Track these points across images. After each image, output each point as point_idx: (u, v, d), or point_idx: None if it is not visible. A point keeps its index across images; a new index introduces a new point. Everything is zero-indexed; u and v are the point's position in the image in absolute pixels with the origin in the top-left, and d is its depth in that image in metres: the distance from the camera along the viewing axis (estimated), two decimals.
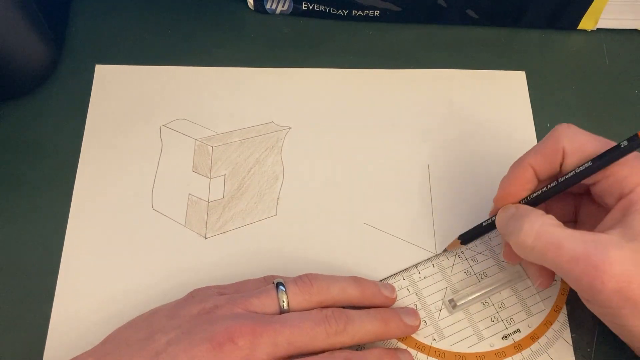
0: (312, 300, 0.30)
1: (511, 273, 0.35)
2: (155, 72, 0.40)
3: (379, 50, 0.42)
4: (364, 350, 0.30)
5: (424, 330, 0.33)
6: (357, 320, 0.30)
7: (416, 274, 0.35)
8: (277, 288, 0.30)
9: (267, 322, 0.28)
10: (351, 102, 0.40)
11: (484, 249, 0.35)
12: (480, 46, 0.42)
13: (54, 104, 0.39)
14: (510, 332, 0.33)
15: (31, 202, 0.36)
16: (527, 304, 0.34)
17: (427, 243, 0.35)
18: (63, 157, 0.37)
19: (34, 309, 0.33)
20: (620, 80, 0.41)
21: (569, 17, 0.42)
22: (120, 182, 0.37)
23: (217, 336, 0.27)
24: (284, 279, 0.31)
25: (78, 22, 0.42)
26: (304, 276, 0.31)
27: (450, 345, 0.33)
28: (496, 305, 0.34)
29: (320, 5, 0.42)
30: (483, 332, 0.33)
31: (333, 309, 0.30)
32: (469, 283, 0.34)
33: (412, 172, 0.38)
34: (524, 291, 0.34)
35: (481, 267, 0.35)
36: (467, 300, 0.34)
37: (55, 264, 0.34)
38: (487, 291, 0.34)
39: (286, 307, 0.29)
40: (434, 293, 0.34)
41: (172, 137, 0.38)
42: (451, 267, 0.35)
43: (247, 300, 0.29)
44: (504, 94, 0.41)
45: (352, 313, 0.30)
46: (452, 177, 0.37)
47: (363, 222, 0.36)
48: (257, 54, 0.41)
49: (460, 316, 0.33)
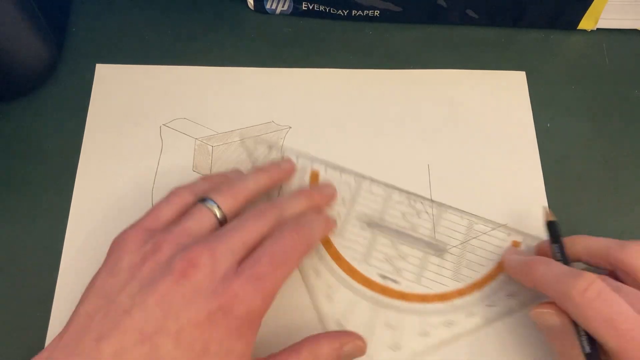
0: (239, 201, 0.31)
1: (437, 246, 0.35)
2: (155, 72, 0.40)
3: (379, 50, 0.42)
4: (304, 215, 0.32)
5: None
6: (288, 204, 0.32)
7: (366, 183, 0.37)
8: (205, 203, 0.30)
9: (216, 236, 0.29)
10: (351, 102, 0.40)
11: (436, 213, 0.36)
12: (480, 46, 0.42)
13: (54, 104, 0.39)
14: (388, 276, 0.34)
15: (31, 202, 0.36)
16: (422, 274, 0.34)
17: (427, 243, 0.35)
18: (63, 157, 0.37)
19: (34, 309, 0.33)
20: (620, 80, 0.41)
21: (569, 17, 0.42)
22: (121, 182, 0.37)
23: (176, 267, 0.27)
24: (195, 191, 0.32)
25: (78, 22, 0.42)
26: (222, 184, 0.32)
27: (339, 245, 0.35)
28: (397, 252, 0.35)
29: (320, 5, 0.42)
30: (370, 260, 0.35)
31: (265, 203, 0.31)
32: (397, 224, 0.36)
33: (412, 172, 0.38)
34: (432, 265, 0.35)
35: (418, 222, 0.36)
36: (384, 229, 0.35)
37: (55, 264, 0.34)
38: (406, 238, 0.35)
39: (221, 215, 0.30)
40: (364, 205, 0.36)
41: (172, 136, 0.38)
42: (399, 202, 0.36)
43: (184, 227, 0.29)
44: (504, 94, 0.41)
45: (281, 200, 0.33)
46: (452, 177, 0.37)
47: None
48: (257, 54, 0.41)
49: (366, 234, 0.35)
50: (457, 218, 0.36)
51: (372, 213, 0.36)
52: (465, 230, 0.36)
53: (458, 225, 0.36)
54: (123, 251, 0.29)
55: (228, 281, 0.27)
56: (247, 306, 0.27)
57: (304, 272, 0.34)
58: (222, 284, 0.27)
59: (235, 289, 0.27)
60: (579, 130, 0.39)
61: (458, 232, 0.35)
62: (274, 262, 0.28)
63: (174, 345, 0.26)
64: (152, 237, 0.29)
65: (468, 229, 0.36)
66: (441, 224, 0.36)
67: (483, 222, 0.36)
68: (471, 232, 0.36)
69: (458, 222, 0.36)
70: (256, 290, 0.27)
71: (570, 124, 0.40)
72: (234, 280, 0.27)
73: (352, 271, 0.34)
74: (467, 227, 0.36)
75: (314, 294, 0.34)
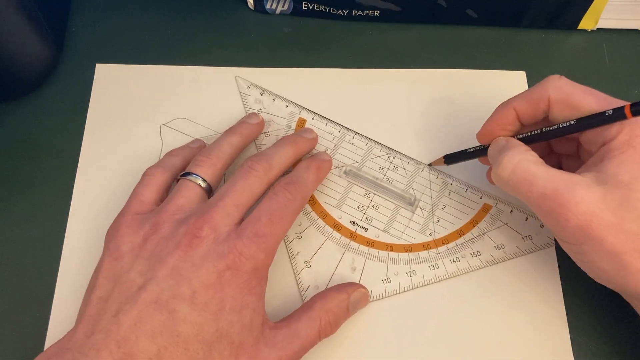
0: (218, 167, 0.33)
1: (408, 198, 0.36)
2: (155, 72, 0.40)
3: (379, 50, 0.42)
4: (295, 169, 0.34)
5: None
6: (274, 153, 0.33)
7: (349, 136, 0.38)
8: (187, 177, 0.32)
9: (210, 206, 0.30)
10: (351, 101, 0.40)
11: (410, 169, 0.37)
12: (480, 46, 0.42)
13: (54, 104, 0.39)
14: (358, 224, 0.36)
15: (31, 202, 0.36)
16: (391, 224, 0.36)
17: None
18: (63, 157, 0.37)
19: (34, 309, 0.33)
20: (621, 80, 0.41)
21: (569, 17, 0.42)
22: (121, 182, 0.37)
23: (181, 242, 0.28)
24: (166, 167, 0.33)
25: (78, 22, 0.42)
26: (199, 155, 0.33)
27: (322, 200, 0.36)
28: (370, 202, 0.36)
29: (320, 5, 0.42)
30: (343, 207, 0.36)
31: (250, 158, 0.33)
32: (373, 175, 0.37)
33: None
34: (401, 217, 0.36)
35: (392, 176, 0.37)
36: (358, 178, 0.37)
37: (55, 264, 0.34)
38: (379, 189, 0.36)
39: (205, 185, 0.32)
40: (345, 157, 0.37)
41: (172, 136, 0.38)
42: (376, 157, 0.37)
43: (175, 203, 0.31)
44: (504, 94, 0.40)
45: (266, 151, 0.33)
46: (452, 177, 0.37)
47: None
48: (257, 54, 0.41)
49: (343, 183, 0.37)
50: (432, 177, 0.37)
51: (351, 163, 0.37)
52: (439, 188, 0.37)
53: (433, 184, 0.37)
54: (121, 237, 0.30)
55: (231, 242, 0.29)
56: (253, 262, 0.29)
57: None
58: (226, 245, 0.29)
59: (239, 248, 0.29)
60: None
61: (432, 190, 0.37)
62: (272, 219, 0.30)
63: (191, 309, 0.27)
64: (146, 219, 0.30)
65: (442, 187, 0.37)
66: (416, 180, 0.37)
67: (457, 182, 0.37)
68: (444, 190, 0.37)
69: (433, 181, 0.37)
70: (258, 247, 0.29)
71: None
72: (236, 241, 0.29)
73: (324, 214, 0.36)
74: (441, 186, 0.37)
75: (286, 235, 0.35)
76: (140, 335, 0.26)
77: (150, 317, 0.27)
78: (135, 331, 0.26)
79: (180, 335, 0.27)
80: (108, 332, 0.26)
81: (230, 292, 0.28)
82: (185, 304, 0.27)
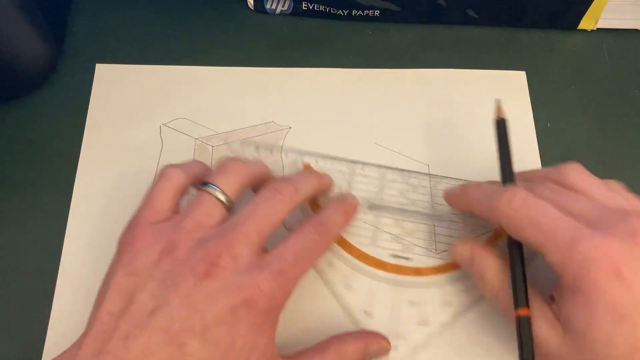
0: (241, 180, 0.30)
1: (436, 215, 0.36)
2: (155, 72, 0.40)
3: (379, 50, 0.42)
4: (323, 210, 0.32)
5: None
6: (300, 179, 0.31)
7: (358, 168, 0.37)
8: (207, 189, 0.29)
9: (231, 231, 0.28)
10: (351, 101, 0.40)
11: (427, 185, 0.37)
12: (480, 46, 0.42)
13: (54, 104, 0.39)
14: (399, 255, 0.34)
15: (31, 202, 0.36)
16: (432, 246, 0.35)
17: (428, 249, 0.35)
18: (63, 157, 0.37)
19: (34, 309, 0.33)
20: (621, 80, 0.41)
21: (569, 17, 0.42)
22: (121, 182, 0.37)
23: (198, 268, 0.27)
24: (188, 171, 0.31)
25: (78, 22, 0.42)
26: (221, 165, 0.31)
27: (353, 238, 0.35)
28: (402, 230, 0.35)
29: (320, 5, 0.42)
30: (379, 242, 0.35)
31: (275, 180, 0.31)
32: (396, 202, 0.36)
33: None
34: (439, 235, 0.35)
35: (415, 197, 0.36)
36: (385, 209, 0.35)
37: (55, 264, 0.34)
38: (406, 214, 0.36)
39: (226, 200, 0.29)
40: (361, 190, 0.36)
41: (173, 136, 0.38)
42: (392, 182, 0.37)
43: (193, 220, 0.28)
44: (504, 94, 0.41)
45: (290, 175, 0.32)
46: (452, 177, 0.37)
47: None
48: (257, 54, 0.41)
49: (369, 218, 0.35)
50: (452, 186, 0.36)
51: (370, 196, 0.36)
52: None
53: None
54: (135, 250, 0.28)
55: (251, 274, 0.27)
56: (271, 301, 0.27)
57: (319, 268, 0.34)
58: (245, 277, 0.27)
59: (258, 282, 0.27)
60: (579, 130, 0.39)
61: None
62: (297, 259, 0.28)
63: (200, 344, 0.26)
64: (162, 232, 0.28)
65: None
66: (438, 194, 0.36)
67: None
68: None
69: None
70: (279, 285, 0.27)
71: (570, 124, 0.40)
72: (257, 273, 0.27)
73: (364, 256, 0.34)
74: None
75: (333, 287, 0.34)
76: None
77: (158, 348, 0.26)
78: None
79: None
80: (116, 356, 0.26)
81: (243, 331, 0.27)
82: (196, 339, 0.26)
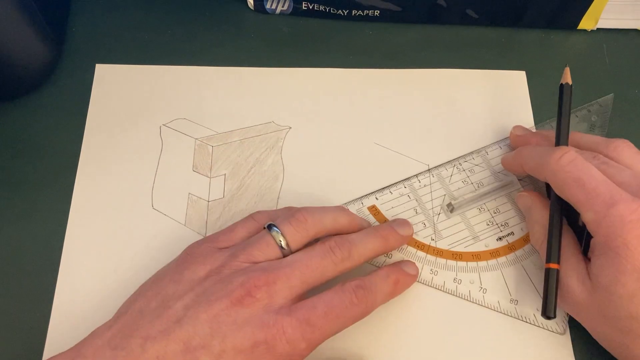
0: (309, 235, 0.31)
1: (506, 182, 0.37)
2: (155, 72, 0.40)
3: (379, 50, 0.42)
4: (371, 273, 0.31)
5: (423, 231, 0.35)
6: (359, 242, 0.31)
7: (416, 182, 0.37)
8: (271, 231, 0.30)
9: (277, 269, 0.29)
10: (351, 101, 0.40)
11: (480, 161, 0.38)
12: (480, 46, 0.42)
13: (54, 104, 0.39)
14: (504, 235, 0.35)
15: (31, 202, 0.36)
16: (520, 209, 0.36)
17: None
18: (63, 157, 0.37)
19: (34, 309, 0.33)
20: (621, 80, 0.41)
21: (569, 17, 0.42)
22: (120, 182, 0.37)
23: (234, 293, 0.27)
24: (272, 217, 0.31)
25: (78, 22, 0.42)
26: (295, 213, 0.31)
27: (448, 245, 0.35)
28: (491, 211, 0.36)
29: (320, 5, 0.42)
30: (479, 234, 0.35)
31: (334, 238, 0.31)
32: (467, 191, 0.36)
33: (411, 172, 0.38)
34: None
35: (478, 178, 0.37)
36: (464, 204, 0.36)
37: (55, 264, 0.34)
38: (483, 197, 0.36)
39: (286, 247, 0.30)
40: (433, 199, 0.36)
41: (172, 136, 0.38)
42: (449, 177, 0.37)
43: (249, 253, 0.29)
44: (504, 94, 0.41)
45: (352, 237, 0.31)
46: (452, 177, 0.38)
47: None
48: (257, 54, 0.41)
49: (457, 220, 0.36)
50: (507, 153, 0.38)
51: (444, 200, 0.36)
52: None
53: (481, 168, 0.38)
54: (191, 263, 0.30)
55: (279, 317, 0.27)
56: (291, 347, 0.27)
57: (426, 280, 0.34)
58: (273, 317, 0.27)
59: (284, 325, 0.27)
60: (579, 130, 0.39)
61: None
62: (328, 315, 0.28)
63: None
64: (219, 257, 0.30)
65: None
66: (491, 164, 0.37)
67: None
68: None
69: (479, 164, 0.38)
70: (303, 334, 0.27)
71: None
72: (285, 317, 0.27)
73: (478, 256, 0.35)
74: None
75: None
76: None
77: (174, 357, 0.26)
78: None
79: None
80: (130, 353, 0.26)
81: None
82: (211, 358, 0.26)
